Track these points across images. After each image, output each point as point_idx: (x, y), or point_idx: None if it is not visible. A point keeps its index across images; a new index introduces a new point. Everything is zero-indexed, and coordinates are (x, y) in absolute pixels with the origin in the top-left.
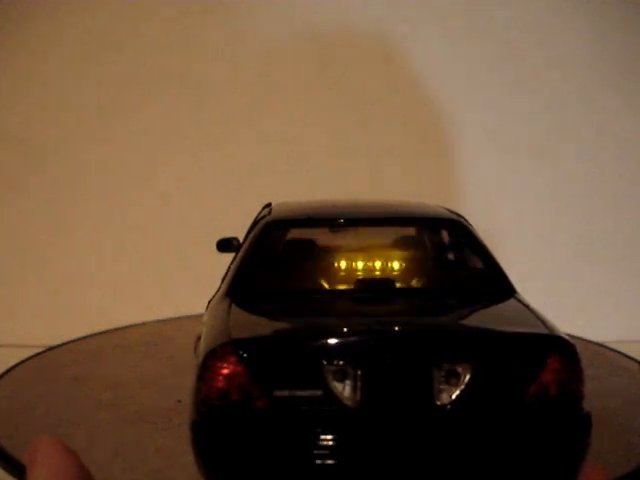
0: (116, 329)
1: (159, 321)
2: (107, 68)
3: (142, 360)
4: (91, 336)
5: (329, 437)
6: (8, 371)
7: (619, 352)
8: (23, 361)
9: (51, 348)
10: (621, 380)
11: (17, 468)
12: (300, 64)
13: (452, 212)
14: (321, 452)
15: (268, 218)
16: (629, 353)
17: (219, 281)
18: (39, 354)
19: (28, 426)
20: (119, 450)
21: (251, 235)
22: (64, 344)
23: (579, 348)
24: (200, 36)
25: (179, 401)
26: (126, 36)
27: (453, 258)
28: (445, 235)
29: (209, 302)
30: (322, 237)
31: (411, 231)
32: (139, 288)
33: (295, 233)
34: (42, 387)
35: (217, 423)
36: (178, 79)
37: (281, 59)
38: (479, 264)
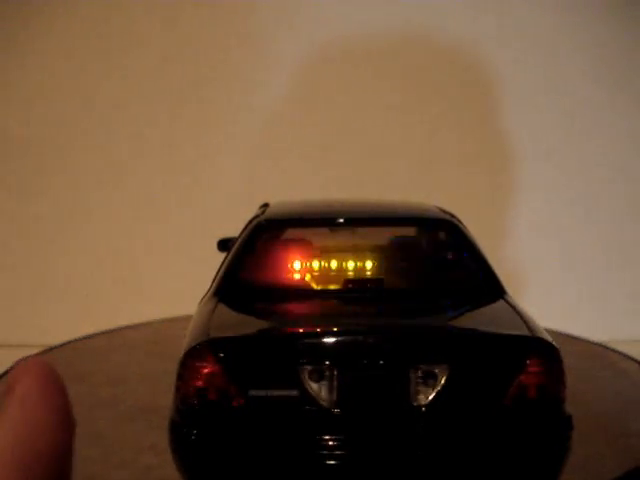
0: (119, 328)
1: (162, 320)
2: (111, 71)
3: (144, 359)
4: (94, 335)
5: (305, 437)
6: (10, 369)
7: (621, 353)
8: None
9: (54, 347)
10: (621, 382)
11: None
12: (300, 66)
13: (445, 212)
14: (297, 452)
15: (260, 218)
16: (629, 353)
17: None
18: (42, 353)
19: None
20: (114, 446)
21: (242, 235)
22: (68, 343)
23: (581, 349)
24: (200, 38)
25: None
26: (131, 40)
27: (445, 258)
28: (438, 235)
29: (200, 301)
30: (316, 237)
31: (404, 231)
32: (142, 287)
33: (291, 233)
34: None
35: (194, 422)
36: (180, 81)
37: (281, 61)
38: (470, 265)
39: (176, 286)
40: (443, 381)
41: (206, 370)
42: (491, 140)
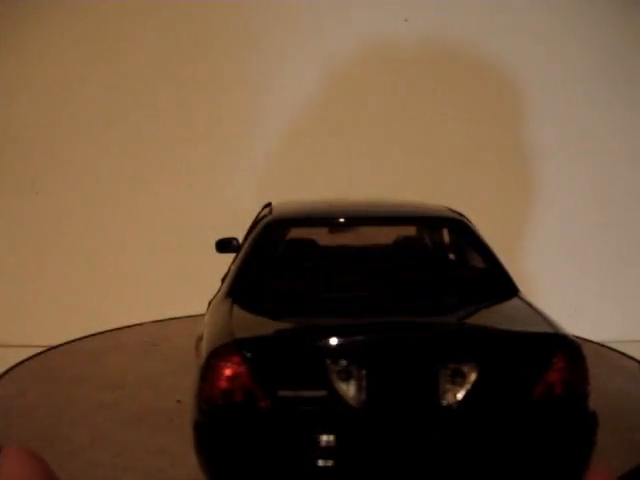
0: (116, 329)
1: (159, 322)
2: (112, 70)
3: (142, 360)
4: (91, 336)
5: (334, 437)
6: (8, 371)
7: (619, 352)
8: (23, 361)
9: (51, 348)
10: (621, 379)
11: None
12: (302, 67)
13: (454, 211)
14: (326, 452)
15: (269, 218)
16: (629, 353)
17: (219, 281)
18: (39, 354)
19: (30, 426)
20: (120, 450)
21: (252, 235)
22: (64, 344)
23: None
24: (203, 38)
25: (179, 401)
26: (131, 38)
27: (455, 257)
28: (449, 235)
29: (210, 303)
30: (323, 236)
31: (413, 230)
32: (139, 289)
33: (296, 233)
34: (43, 387)
35: (220, 423)
36: (181, 80)
37: (283, 60)
38: (482, 263)
39: (172, 288)
40: (472, 379)
41: (232, 371)
42: (504, 142)
